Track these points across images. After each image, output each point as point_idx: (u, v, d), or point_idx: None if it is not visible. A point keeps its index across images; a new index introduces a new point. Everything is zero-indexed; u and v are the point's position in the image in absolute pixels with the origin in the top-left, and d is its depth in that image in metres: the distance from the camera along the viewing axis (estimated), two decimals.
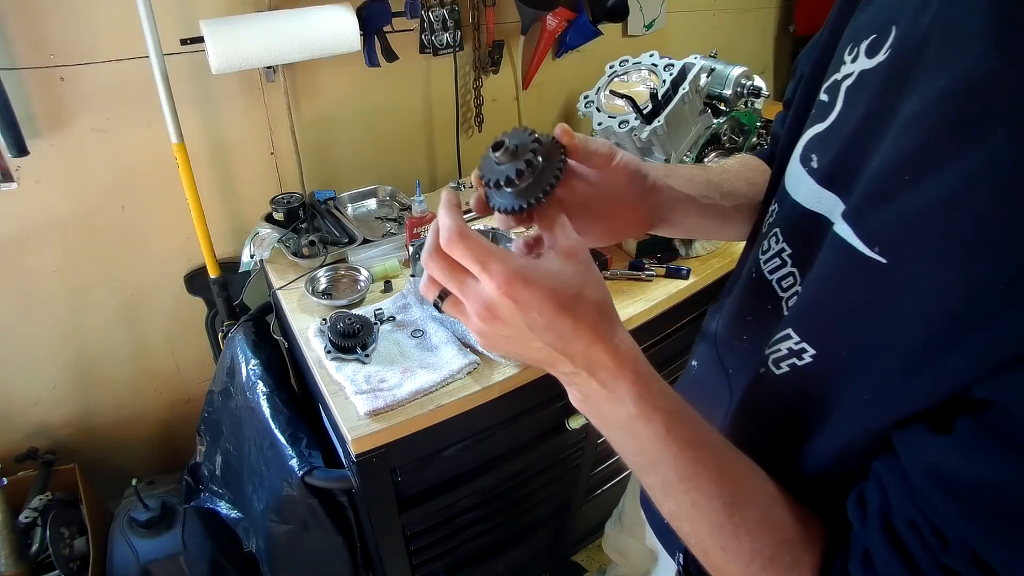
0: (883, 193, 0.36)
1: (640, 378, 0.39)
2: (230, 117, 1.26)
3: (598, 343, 0.39)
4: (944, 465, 0.33)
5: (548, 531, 1.35)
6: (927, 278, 0.33)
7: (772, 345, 0.43)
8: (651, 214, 0.52)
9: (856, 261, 0.36)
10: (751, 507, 0.38)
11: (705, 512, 0.39)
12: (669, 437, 0.39)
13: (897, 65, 0.37)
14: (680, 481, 0.39)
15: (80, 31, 1.06)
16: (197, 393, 1.48)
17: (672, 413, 0.39)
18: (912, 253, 0.34)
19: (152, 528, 1.22)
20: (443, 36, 1.38)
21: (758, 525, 0.38)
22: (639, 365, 0.40)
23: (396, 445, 0.87)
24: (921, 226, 0.33)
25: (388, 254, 1.19)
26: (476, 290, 0.39)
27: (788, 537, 0.38)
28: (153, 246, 1.30)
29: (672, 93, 1.06)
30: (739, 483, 0.39)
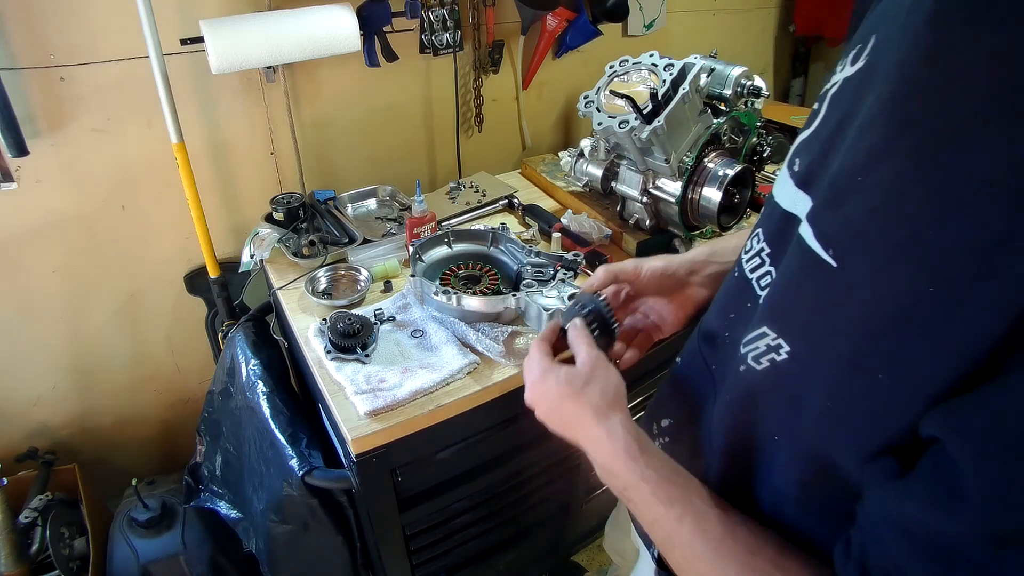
0: (838, 196, 0.37)
1: (629, 454, 0.48)
2: (230, 117, 1.26)
3: (594, 425, 0.51)
4: (900, 513, 0.33)
5: (548, 531, 1.35)
6: (866, 284, 0.34)
7: (750, 342, 0.44)
8: (709, 288, 0.64)
9: (813, 262, 0.37)
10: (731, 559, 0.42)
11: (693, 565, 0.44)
12: (654, 500, 0.46)
13: (867, 71, 0.38)
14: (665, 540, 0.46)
15: (80, 31, 1.06)
16: (197, 393, 1.48)
17: (659, 481, 0.47)
18: (856, 258, 0.35)
19: (152, 528, 1.22)
20: (443, 36, 1.38)
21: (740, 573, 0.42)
22: (630, 445, 0.49)
23: (396, 445, 0.87)
24: (863, 231, 0.34)
25: (388, 254, 1.19)
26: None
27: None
28: (153, 246, 1.30)
29: (672, 93, 1.06)
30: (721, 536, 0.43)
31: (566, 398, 0.53)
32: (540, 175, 1.49)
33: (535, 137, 1.72)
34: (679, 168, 1.11)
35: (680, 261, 0.65)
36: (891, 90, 0.34)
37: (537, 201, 1.39)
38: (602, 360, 0.55)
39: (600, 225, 1.23)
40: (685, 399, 0.57)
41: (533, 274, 1.02)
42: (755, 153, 1.20)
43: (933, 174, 0.31)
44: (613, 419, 0.50)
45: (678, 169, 1.11)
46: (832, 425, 0.38)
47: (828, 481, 0.39)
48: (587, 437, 0.52)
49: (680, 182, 1.12)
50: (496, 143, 1.66)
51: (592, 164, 1.27)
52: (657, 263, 0.64)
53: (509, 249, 1.12)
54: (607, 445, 0.49)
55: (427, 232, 1.14)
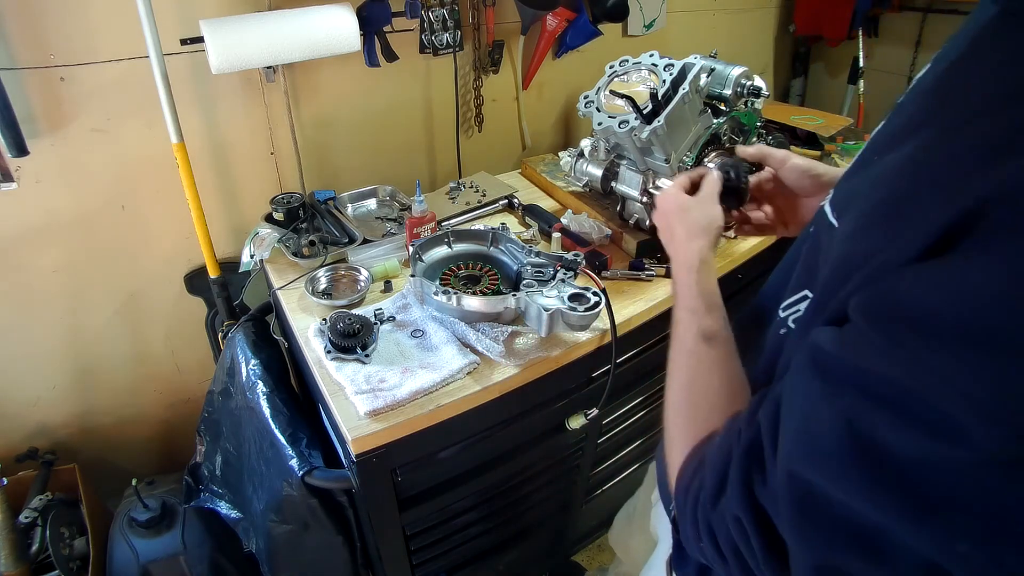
0: (856, 169, 0.44)
1: (689, 270, 0.62)
2: (230, 117, 1.26)
3: (683, 241, 0.67)
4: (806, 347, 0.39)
5: (548, 531, 1.35)
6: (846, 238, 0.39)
7: (791, 305, 0.48)
8: None
9: (826, 225, 0.43)
10: (709, 358, 0.54)
11: (678, 357, 0.56)
12: (685, 306, 0.60)
13: (930, 66, 0.42)
14: (675, 332, 0.59)
15: (80, 31, 1.06)
16: (197, 393, 1.48)
17: (697, 295, 0.60)
18: (845, 217, 0.40)
19: (152, 528, 1.22)
20: (443, 36, 1.38)
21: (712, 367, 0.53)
22: (692, 262, 0.63)
23: (396, 445, 0.87)
24: (856, 196, 0.40)
25: (388, 254, 1.19)
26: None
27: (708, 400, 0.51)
28: (153, 246, 1.30)
29: (672, 93, 1.06)
30: (710, 342, 0.55)
31: (674, 213, 0.70)
32: (540, 175, 1.49)
33: (535, 137, 1.72)
34: (679, 168, 1.11)
35: (826, 169, 0.70)
36: (926, 82, 0.39)
37: (537, 201, 1.39)
38: (711, 199, 0.70)
39: (600, 225, 1.23)
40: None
41: (533, 274, 1.02)
42: None
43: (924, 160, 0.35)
44: (695, 242, 0.65)
45: (678, 169, 1.11)
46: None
47: None
48: (673, 246, 0.68)
49: None
50: (496, 143, 1.66)
51: (592, 164, 1.27)
52: (803, 161, 0.71)
53: (509, 249, 1.12)
54: (682, 255, 0.65)
55: (427, 232, 1.14)
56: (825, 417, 0.34)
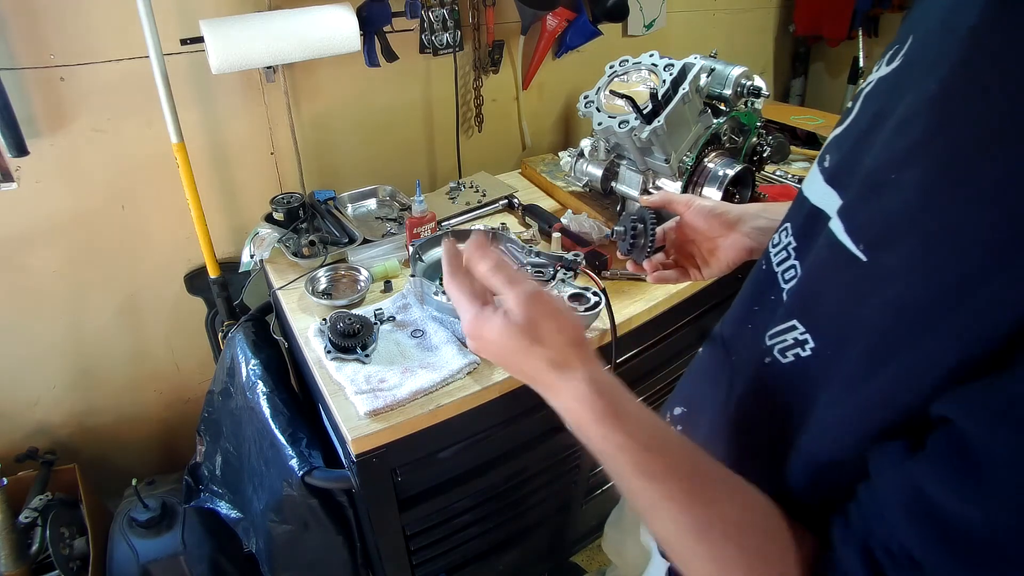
0: (871, 191, 0.37)
1: (599, 419, 0.42)
2: (230, 117, 1.26)
3: (556, 384, 0.45)
4: (911, 492, 0.32)
5: (548, 531, 1.35)
6: (897, 275, 0.34)
7: (777, 335, 0.44)
8: (755, 240, 0.65)
9: (843, 257, 0.38)
10: (722, 536, 0.39)
11: (679, 542, 0.40)
12: (635, 472, 0.41)
13: (903, 70, 0.39)
14: (647, 510, 0.41)
15: (80, 31, 1.06)
16: (197, 393, 1.48)
17: (638, 450, 0.41)
18: (886, 251, 0.35)
19: (152, 528, 1.22)
20: (443, 36, 1.38)
21: (734, 552, 0.39)
22: (597, 407, 0.43)
23: (396, 445, 0.87)
24: (897, 224, 0.35)
25: (388, 254, 1.19)
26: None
27: (763, 557, 0.38)
28: (153, 246, 1.30)
29: (672, 93, 1.06)
30: (710, 515, 0.39)
31: (515, 354, 0.46)
32: (540, 175, 1.49)
33: (535, 137, 1.72)
34: (679, 168, 1.11)
35: (731, 207, 0.67)
36: (932, 89, 0.34)
37: (537, 201, 1.39)
38: (539, 298, 0.46)
39: (600, 225, 1.23)
40: (701, 388, 0.58)
41: (533, 274, 1.02)
42: (755, 153, 1.20)
43: (967, 170, 0.31)
44: (576, 376, 0.44)
45: (678, 169, 1.11)
46: (843, 418, 0.38)
47: (835, 471, 0.39)
48: (551, 397, 0.46)
49: (680, 182, 1.12)
50: (496, 143, 1.66)
51: (592, 164, 1.27)
52: (708, 202, 0.69)
53: (509, 249, 1.12)
54: (574, 407, 0.44)
55: (427, 232, 1.14)
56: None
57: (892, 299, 0.34)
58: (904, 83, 0.38)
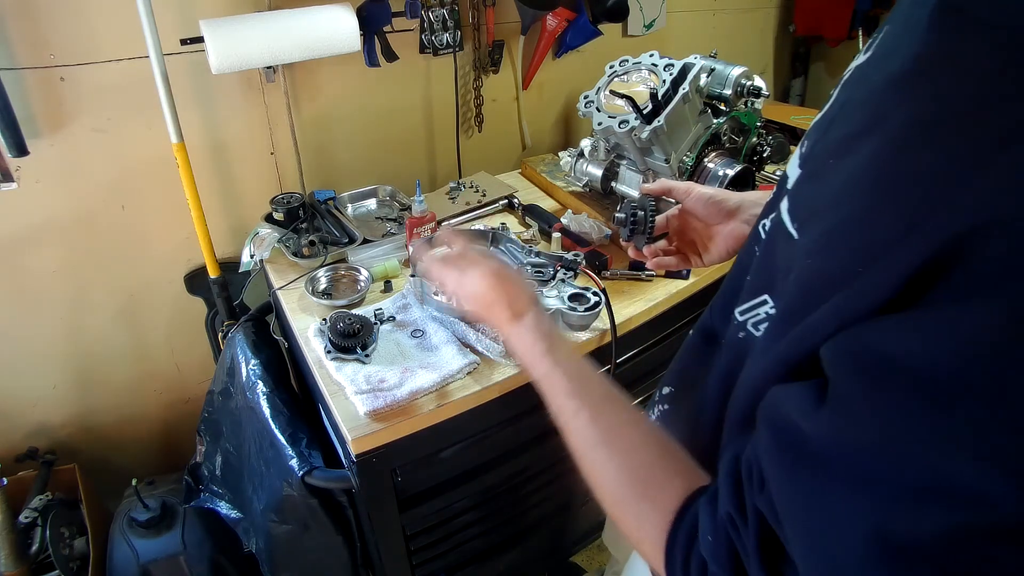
0: (812, 175, 0.40)
1: (539, 350, 0.56)
2: (230, 117, 1.26)
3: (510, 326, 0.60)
4: (772, 408, 0.36)
5: (548, 531, 1.35)
6: (808, 252, 0.37)
7: (750, 309, 0.46)
8: (750, 227, 0.64)
9: (783, 234, 0.40)
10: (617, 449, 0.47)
11: (585, 451, 0.49)
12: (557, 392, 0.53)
13: (872, 60, 0.40)
14: (564, 428, 0.51)
15: (80, 31, 1.06)
16: (197, 393, 1.48)
17: (565, 377, 0.53)
18: (808, 230, 0.38)
19: (152, 528, 1.22)
20: (443, 36, 1.38)
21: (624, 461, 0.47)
22: (538, 343, 0.57)
23: (396, 445, 0.87)
24: (819, 208, 0.37)
25: (388, 254, 1.19)
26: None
27: (650, 472, 0.45)
28: (153, 246, 1.30)
29: (672, 93, 1.06)
30: (610, 426, 0.49)
31: (485, 293, 0.62)
32: (540, 175, 1.49)
33: (535, 137, 1.72)
34: (679, 168, 1.11)
35: (730, 195, 0.68)
36: (877, 82, 0.36)
37: (537, 201, 1.39)
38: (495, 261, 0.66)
39: (600, 225, 1.23)
40: (688, 368, 0.59)
41: (533, 274, 1.02)
42: (755, 153, 1.20)
43: (887, 164, 0.33)
44: (527, 315, 0.59)
45: (678, 169, 1.11)
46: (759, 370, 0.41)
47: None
48: (505, 329, 0.61)
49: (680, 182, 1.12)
50: (496, 143, 1.66)
51: (592, 164, 1.27)
52: (708, 190, 0.69)
53: (509, 249, 1.12)
54: (523, 339, 0.58)
55: (427, 232, 1.14)
56: (837, 527, 0.31)
57: (801, 271, 0.37)
58: (866, 74, 0.39)
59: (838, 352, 0.32)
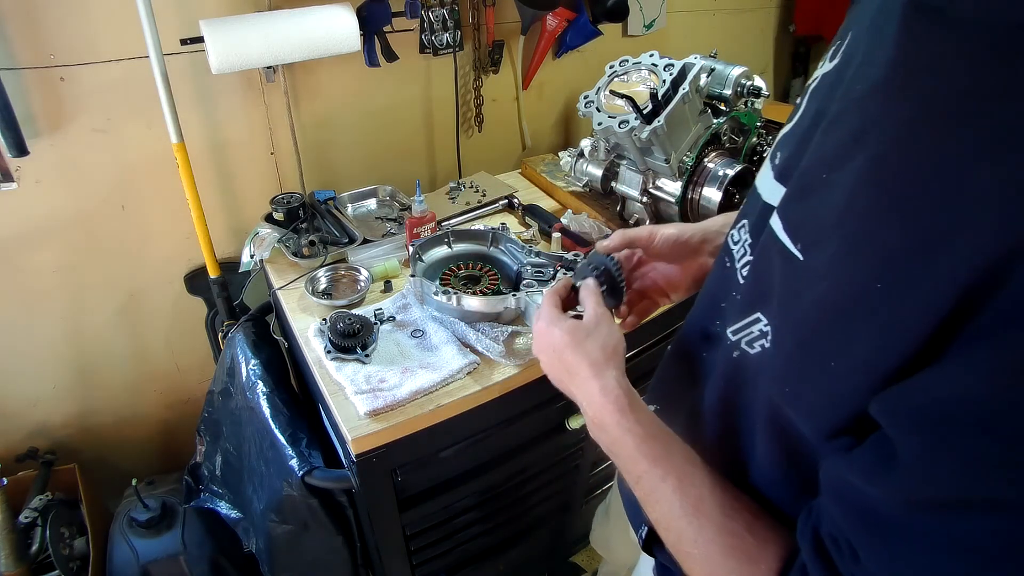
0: (805, 190, 0.38)
1: (619, 408, 0.50)
2: (230, 117, 1.26)
3: (590, 378, 0.53)
4: (839, 481, 0.35)
5: (548, 531, 1.35)
6: (824, 275, 0.35)
7: (743, 328, 0.45)
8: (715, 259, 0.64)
9: (783, 253, 0.39)
10: (708, 519, 0.44)
11: (671, 522, 0.45)
12: (639, 456, 0.48)
13: (841, 68, 0.39)
14: (647, 496, 0.47)
15: (80, 31, 1.06)
16: (197, 393, 1.48)
17: (645, 437, 0.48)
18: (816, 250, 0.36)
19: (152, 528, 1.22)
20: (443, 36, 1.38)
21: (715, 534, 0.43)
22: (620, 399, 0.50)
23: (396, 445, 0.87)
24: (825, 224, 0.36)
25: (388, 254, 1.19)
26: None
27: (741, 544, 0.42)
28: (153, 246, 1.30)
29: (672, 93, 1.06)
30: (700, 496, 0.45)
31: (567, 348, 0.55)
32: (540, 175, 1.49)
33: (535, 137, 1.72)
34: (679, 168, 1.11)
35: (694, 230, 0.66)
36: (858, 90, 0.35)
37: (537, 201, 1.39)
38: (607, 317, 0.57)
39: (600, 225, 1.23)
40: (672, 386, 0.59)
41: (533, 274, 1.02)
42: (755, 153, 1.20)
43: (885, 174, 0.32)
44: (608, 373, 0.52)
45: (678, 169, 1.11)
46: (795, 408, 0.39)
47: (802, 458, 0.41)
48: (582, 388, 0.54)
49: (680, 182, 1.12)
50: (496, 143, 1.66)
51: (592, 164, 1.27)
52: (671, 231, 0.66)
53: (509, 249, 1.12)
54: (599, 397, 0.51)
55: (427, 232, 1.14)
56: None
57: (820, 297, 0.35)
58: (839, 82, 0.38)
59: (892, 412, 0.32)
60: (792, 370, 0.39)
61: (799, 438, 0.40)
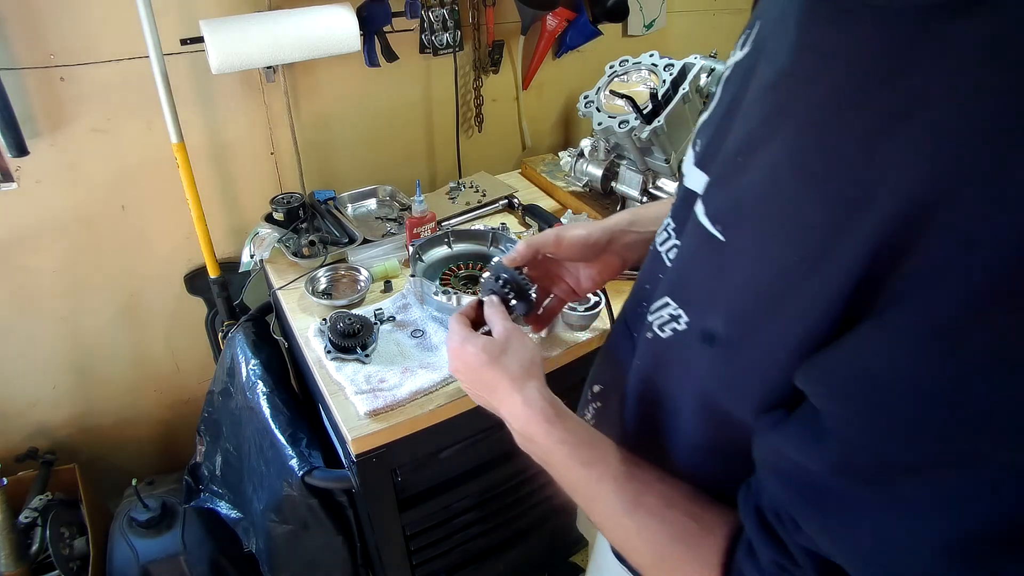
0: (725, 175, 0.40)
1: (546, 419, 0.50)
2: (230, 117, 1.26)
3: (512, 392, 0.53)
4: (776, 455, 0.36)
5: (547, 531, 1.35)
6: (747, 255, 0.37)
7: (656, 311, 0.46)
8: (624, 256, 0.67)
9: (705, 237, 0.40)
10: (649, 512, 0.44)
11: (614, 520, 0.46)
12: (572, 463, 0.49)
13: (752, 56, 0.41)
14: (587, 501, 0.48)
15: (80, 31, 1.06)
16: (197, 393, 1.48)
17: (577, 444, 0.49)
18: (736, 232, 0.38)
19: (152, 528, 1.22)
20: (443, 36, 1.38)
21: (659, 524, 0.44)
22: (546, 410, 0.51)
23: (396, 445, 0.87)
24: (745, 206, 0.37)
25: (388, 254, 1.19)
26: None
27: (685, 532, 0.43)
28: (153, 246, 1.30)
29: (672, 93, 1.06)
30: (638, 491, 0.45)
31: (484, 366, 0.55)
32: (540, 175, 1.49)
33: (535, 137, 1.72)
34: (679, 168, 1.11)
35: (601, 230, 0.66)
36: (768, 76, 0.37)
37: (537, 201, 1.39)
38: (516, 331, 0.58)
39: None
40: (611, 365, 0.59)
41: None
42: None
43: (799, 155, 0.33)
44: (529, 386, 0.53)
45: (678, 169, 1.11)
46: (723, 385, 0.40)
47: (730, 432, 0.41)
48: (505, 404, 0.54)
49: None
50: (496, 143, 1.66)
51: (592, 164, 1.27)
52: (579, 232, 0.65)
53: (509, 249, 1.12)
54: (524, 411, 0.51)
55: (427, 232, 1.14)
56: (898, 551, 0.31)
57: (745, 277, 0.36)
58: (752, 70, 0.39)
59: (813, 381, 0.32)
60: (720, 350, 0.39)
61: (727, 415, 0.40)
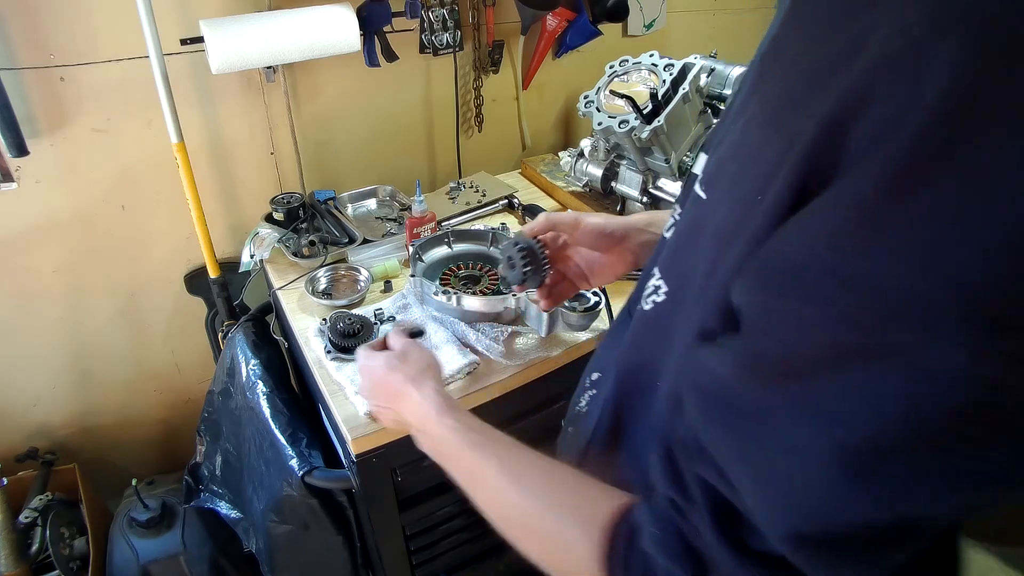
0: (717, 142, 0.42)
1: (439, 411, 0.55)
2: (230, 117, 1.26)
3: (411, 392, 0.59)
4: (698, 369, 0.35)
5: None
6: (718, 204, 0.38)
7: (648, 288, 0.47)
8: (637, 254, 0.68)
9: (695, 201, 0.41)
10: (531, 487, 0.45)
11: (497, 497, 0.48)
12: (461, 447, 0.51)
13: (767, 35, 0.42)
14: (473, 484, 0.50)
15: (80, 31, 1.06)
16: (197, 393, 1.48)
17: (465, 431, 0.52)
18: (715, 186, 0.39)
19: (152, 528, 1.22)
20: (443, 36, 1.38)
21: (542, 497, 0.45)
22: (439, 404, 0.56)
23: (396, 445, 0.87)
24: (722, 164, 0.39)
25: (388, 254, 1.19)
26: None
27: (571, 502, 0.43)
28: (153, 246, 1.30)
29: (672, 93, 1.06)
30: (520, 470, 0.47)
31: (387, 372, 0.62)
32: (540, 175, 1.49)
33: (535, 137, 1.72)
34: (679, 168, 1.11)
35: (618, 223, 0.67)
36: (761, 47, 0.39)
37: (537, 201, 1.39)
38: (415, 344, 0.67)
39: None
40: (608, 351, 0.59)
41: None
42: None
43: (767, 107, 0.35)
44: (426, 384, 0.59)
45: (678, 169, 1.11)
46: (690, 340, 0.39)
47: None
48: (406, 405, 0.59)
49: (680, 182, 1.12)
50: (496, 143, 1.66)
51: (592, 164, 1.27)
52: (597, 220, 0.67)
53: None
54: (420, 405, 0.57)
55: (427, 232, 1.14)
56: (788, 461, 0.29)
57: (717, 224, 0.37)
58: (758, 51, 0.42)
59: (739, 285, 0.32)
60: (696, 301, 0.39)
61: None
